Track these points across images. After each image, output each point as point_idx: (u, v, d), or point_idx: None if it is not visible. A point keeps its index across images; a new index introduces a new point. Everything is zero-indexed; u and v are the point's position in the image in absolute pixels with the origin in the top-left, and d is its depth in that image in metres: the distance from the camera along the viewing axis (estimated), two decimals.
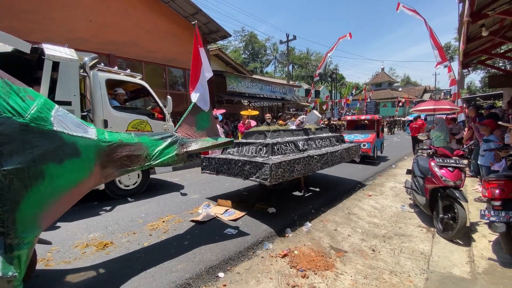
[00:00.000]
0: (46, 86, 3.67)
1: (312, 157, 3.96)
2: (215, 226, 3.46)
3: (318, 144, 4.76)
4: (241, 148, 4.17)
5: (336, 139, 5.41)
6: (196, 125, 3.18)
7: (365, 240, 3.17)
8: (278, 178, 3.30)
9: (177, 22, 11.40)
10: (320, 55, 51.52)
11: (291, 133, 4.57)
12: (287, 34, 22.01)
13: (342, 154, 4.85)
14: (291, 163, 3.52)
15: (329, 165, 4.40)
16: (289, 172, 3.47)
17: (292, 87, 19.68)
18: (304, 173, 3.87)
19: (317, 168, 4.11)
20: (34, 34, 7.42)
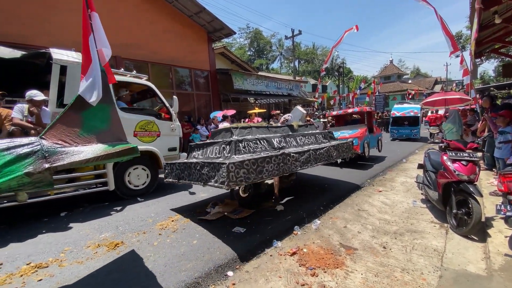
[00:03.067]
0: (54, 89, 3.75)
1: (288, 155, 3.48)
2: (224, 224, 3.47)
3: (300, 142, 4.30)
4: (205, 149, 3.77)
5: (323, 136, 4.92)
6: (82, 126, 2.27)
7: (375, 237, 3.11)
8: (240, 180, 2.84)
9: (182, 21, 11.43)
10: (326, 49, 50.85)
11: (266, 130, 4.10)
12: (292, 29, 21.79)
13: (329, 152, 4.32)
14: (258, 162, 3.05)
15: (312, 164, 3.92)
16: (256, 173, 3.01)
17: (298, 82, 19.50)
18: (277, 174, 3.36)
19: (295, 168, 3.62)
20: (41, 38, 7.58)
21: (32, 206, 4.05)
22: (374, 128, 8.17)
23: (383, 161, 7.74)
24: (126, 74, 5.06)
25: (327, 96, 20.36)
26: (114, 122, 2.49)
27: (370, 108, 8.38)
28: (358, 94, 22.99)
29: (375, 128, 8.23)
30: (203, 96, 12.96)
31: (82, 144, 2.17)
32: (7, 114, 3.53)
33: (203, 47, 12.60)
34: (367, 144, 7.40)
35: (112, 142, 2.32)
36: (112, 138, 2.40)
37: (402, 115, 12.42)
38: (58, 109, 3.76)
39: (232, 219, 3.60)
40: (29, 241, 3.17)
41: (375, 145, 8.18)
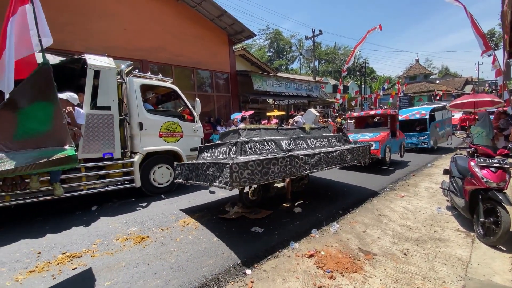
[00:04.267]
0: (89, 93, 4.05)
1: (296, 158, 3.36)
2: (242, 223, 3.56)
3: (311, 144, 4.17)
4: (213, 150, 3.79)
5: (337, 139, 4.75)
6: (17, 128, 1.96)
7: (396, 243, 3.06)
8: (244, 181, 2.77)
9: (204, 25, 11.75)
10: (348, 49, 49.71)
11: (276, 132, 4.05)
12: (312, 29, 21.59)
13: (342, 156, 4.15)
14: (263, 163, 2.96)
15: (323, 167, 3.76)
16: (261, 174, 2.93)
17: (318, 83, 19.26)
18: (284, 176, 3.24)
19: (304, 171, 3.48)
20: (76, 44, 8.15)
21: (67, 200, 4.39)
22: (397, 132, 7.72)
23: (405, 166, 7.38)
24: (152, 77, 5.33)
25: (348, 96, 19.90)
26: (57, 123, 2.12)
27: (394, 111, 7.80)
28: (381, 95, 22.23)
29: (398, 133, 7.78)
30: (223, 97, 13.22)
31: (15, 150, 1.87)
32: None
33: (224, 49, 12.86)
34: (389, 148, 6.98)
35: (52, 147, 2.02)
36: (54, 142, 2.06)
37: (405, 118, 10.07)
38: (91, 110, 4.06)
39: (251, 219, 3.68)
40: (64, 232, 3.45)
41: (397, 150, 7.71)
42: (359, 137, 6.98)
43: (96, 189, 4.31)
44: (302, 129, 4.50)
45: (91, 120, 4.06)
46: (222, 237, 3.15)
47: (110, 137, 4.29)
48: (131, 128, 4.65)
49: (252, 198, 4.20)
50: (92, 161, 4.24)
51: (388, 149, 6.92)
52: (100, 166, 4.33)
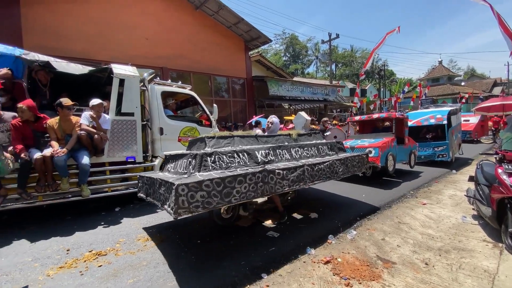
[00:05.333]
0: (114, 100, 4.29)
1: (271, 173, 2.87)
2: (257, 228, 3.60)
3: (296, 154, 3.60)
4: (177, 162, 3.16)
5: (329, 147, 4.17)
6: None
7: (417, 252, 2.96)
8: (196, 206, 2.28)
9: (221, 32, 12.06)
10: (366, 51, 48.78)
11: (254, 140, 3.51)
12: (329, 33, 21.45)
13: (332, 167, 3.63)
14: (225, 182, 2.47)
15: (307, 183, 3.26)
16: (221, 196, 2.44)
17: (335, 87, 19.04)
18: (254, 197, 2.73)
19: (281, 188, 2.98)
20: (102, 54, 8.66)
21: (93, 201, 4.64)
22: (406, 138, 6.75)
23: (416, 178, 6.51)
24: (172, 84, 5.55)
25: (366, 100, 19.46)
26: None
27: (402, 114, 6.74)
28: (402, 98, 21.56)
29: (407, 139, 6.79)
30: (239, 102, 13.41)
31: None
32: (76, 121, 4.14)
33: (240, 55, 13.10)
34: (392, 157, 6.04)
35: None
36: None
37: (417, 124, 8.39)
38: (117, 116, 4.30)
39: (265, 224, 3.71)
40: (90, 231, 3.65)
41: (405, 159, 6.73)
42: (358, 143, 6.28)
43: (119, 191, 4.52)
44: (287, 136, 3.94)
45: (116, 125, 4.29)
46: (238, 241, 3.20)
47: (133, 142, 4.51)
48: (152, 133, 4.86)
49: (226, 216, 3.61)
50: (116, 165, 4.46)
51: (391, 158, 6.00)
52: (123, 169, 4.55)
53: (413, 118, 8.67)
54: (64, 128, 3.98)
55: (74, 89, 4.95)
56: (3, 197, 3.44)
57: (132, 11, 9.54)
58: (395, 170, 6.18)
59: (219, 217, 3.56)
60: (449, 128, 7.90)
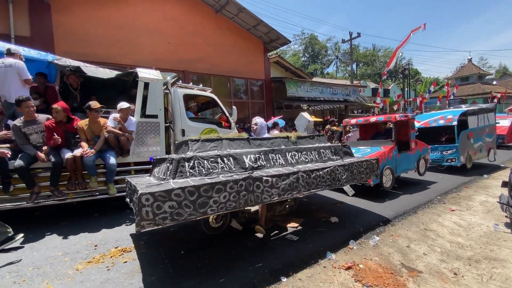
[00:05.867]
0: (139, 102, 4.47)
1: (257, 180, 2.58)
2: (276, 230, 3.58)
3: (292, 159, 3.28)
4: (160, 166, 2.97)
5: (333, 151, 3.79)
6: None
7: (445, 261, 2.81)
8: (163, 218, 2.04)
9: (240, 34, 12.19)
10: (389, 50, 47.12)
11: (246, 143, 3.25)
12: (350, 32, 20.94)
13: (334, 174, 3.26)
14: (199, 190, 2.21)
15: (301, 191, 2.92)
16: (194, 206, 2.19)
17: (356, 87, 18.56)
18: (235, 207, 2.46)
19: (270, 197, 2.69)
20: (127, 58, 9.06)
21: (119, 199, 4.85)
22: (411, 143, 5.84)
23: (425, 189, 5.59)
24: (194, 87, 5.70)
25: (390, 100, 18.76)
26: None
27: (405, 115, 5.86)
28: (428, 98, 20.55)
29: (413, 143, 5.86)
30: (257, 104, 13.47)
31: None
32: (104, 122, 4.36)
33: (259, 57, 13.16)
34: (390, 170, 5.20)
35: None
36: None
37: (425, 125, 7.72)
38: (141, 118, 4.48)
39: (284, 227, 3.68)
40: (116, 228, 3.82)
41: (411, 167, 5.89)
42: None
43: None
44: (285, 138, 3.66)
45: (140, 127, 4.47)
46: (257, 243, 3.21)
47: (156, 143, 4.67)
48: (174, 134, 5.02)
49: (215, 225, 3.38)
50: (141, 165, 4.64)
51: (388, 172, 5.14)
52: (147, 169, 4.72)
53: (424, 119, 7.99)
54: (93, 129, 4.20)
55: (102, 92, 5.22)
56: (36, 194, 3.68)
57: (155, 16, 9.90)
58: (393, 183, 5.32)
59: (208, 226, 3.30)
60: (464, 131, 7.10)
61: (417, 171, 5.99)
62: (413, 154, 5.86)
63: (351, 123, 6.87)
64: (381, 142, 5.71)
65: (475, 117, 7.69)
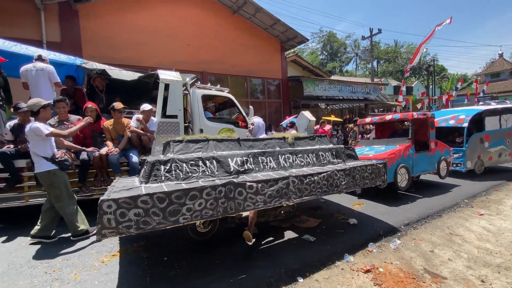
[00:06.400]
0: (160, 103, 4.62)
1: (240, 186, 2.35)
2: (293, 230, 3.56)
3: (285, 162, 3.05)
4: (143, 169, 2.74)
5: (334, 154, 3.51)
6: None
7: (471, 267, 2.67)
8: (128, 227, 1.89)
9: (257, 34, 12.22)
10: (412, 46, 45.17)
11: (236, 145, 3.05)
12: (370, 28, 20.30)
13: (331, 180, 2.97)
14: (172, 197, 2.03)
15: (291, 198, 2.66)
16: (164, 215, 2.01)
17: (376, 85, 17.98)
18: (212, 215, 2.24)
19: (254, 205, 2.44)
20: (148, 61, 9.39)
21: None
22: (431, 143, 5.51)
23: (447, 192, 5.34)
24: (212, 88, 5.81)
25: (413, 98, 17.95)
26: None
27: (423, 113, 5.54)
28: (455, 95, 19.47)
29: (432, 144, 5.52)
30: (274, 103, 13.45)
31: None
32: (127, 123, 4.55)
33: (276, 57, 13.12)
34: (406, 169, 4.93)
35: None
36: None
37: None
38: (162, 119, 4.63)
39: (300, 227, 3.66)
40: None
41: (430, 169, 5.52)
42: (363, 152, 5.25)
43: None
44: (282, 140, 3.40)
45: (161, 127, 4.62)
46: (273, 243, 3.22)
47: None
48: (193, 134, 5.14)
49: (202, 230, 3.16)
50: None
51: (403, 171, 4.90)
52: None
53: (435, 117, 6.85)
54: (117, 129, 4.41)
55: (125, 93, 5.45)
56: None
57: (175, 19, 10.17)
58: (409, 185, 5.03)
59: (195, 231, 3.09)
60: (475, 134, 6.54)
61: (438, 174, 5.62)
62: (432, 155, 5.53)
63: (365, 122, 6.56)
64: (397, 140, 5.46)
65: (496, 118, 7.00)
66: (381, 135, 6.65)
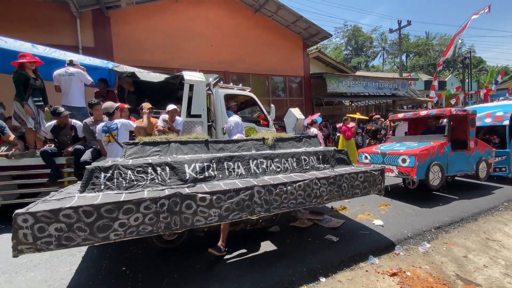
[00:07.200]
0: (185, 103, 4.80)
1: (188, 198, 2.04)
2: (315, 230, 3.53)
3: (257, 168, 2.69)
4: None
5: (321, 158, 3.10)
6: None
7: (509, 275, 2.48)
8: (47, 243, 1.69)
9: (279, 32, 12.15)
10: (446, 37, 42.21)
11: (202, 147, 2.77)
12: (398, 20, 19.29)
13: (311, 188, 2.59)
14: (101, 211, 1.80)
15: (256, 211, 2.30)
16: (92, 230, 1.77)
17: (406, 80, 17.06)
18: (151, 232, 1.95)
19: (206, 220, 2.11)
20: (173, 62, 9.72)
21: None
22: (470, 142, 5.13)
23: (488, 194, 4.96)
24: (234, 87, 5.90)
25: (446, 93, 16.74)
26: None
27: (463, 110, 5.20)
28: (494, 90, 17.90)
29: (472, 143, 5.14)
30: (296, 101, 13.30)
31: None
32: (155, 122, 4.78)
33: (298, 54, 12.95)
34: (439, 167, 4.63)
35: None
36: None
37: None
38: (187, 118, 4.80)
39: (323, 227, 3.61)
40: None
41: (468, 169, 5.14)
42: (392, 148, 5.00)
43: None
44: (260, 141, 3.11)
45: (186, 126, 4.79)
46: (295, 242, 3.21)
47: None
48: (216, 133, 5.27)
49: (169, 238, 2.89)
50: None
51: (436, 168, 4.61)
52: None
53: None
54: (146, 129, 4.64)
55: (152, 94, 5.72)
56: None
57: (199, 21, 10.43)
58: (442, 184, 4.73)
59: (160, 239, 2.84)
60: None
61: (476, 175, 5.25)
62: (471, 155, 5.15)
63: (398, 118, 6.21)
64: (431, 137, 5.15)
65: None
66: (414, 132, 6.31)
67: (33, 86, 4.04)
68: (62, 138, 4.20)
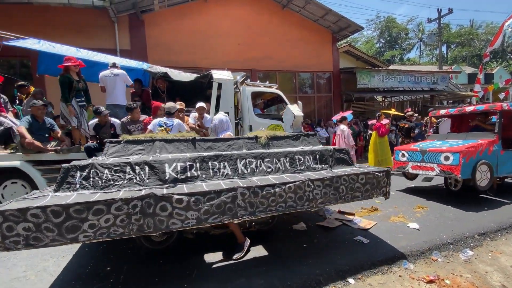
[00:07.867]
0: (214, 101, 4.93)
1: (162, 200, 1.95)
2: (344, 231, 3.43)
3: (245, 169, 2.56)
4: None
5: (318, 158, 2.91)
6: None
7: None
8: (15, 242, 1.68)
9: (307, 27, 11.90)
10: (493, 25, 38.08)
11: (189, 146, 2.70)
12: (438, 9, 17.81)
13: (303, 191, 2.40)
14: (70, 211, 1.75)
15: (238, 214, 2.16)
16: (60, 230, 1.74)
17: (446, 73, 15.76)
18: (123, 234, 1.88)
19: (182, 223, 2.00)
20: (202, 61, 10.00)
21: None
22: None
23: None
24: (261, 85, 5.92)
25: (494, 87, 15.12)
26: None
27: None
28: None
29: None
30: (324, 97, 12.96)
31: None
32: (186, 120, 4.96)
33: (327, 48, 12.58)
34: (488, 166, 4.26)
35: None
36: None
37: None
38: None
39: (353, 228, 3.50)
40: None
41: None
42: (433, 146, 4.69)
43: None
44: (253, 139, 2.98)
45: None
46: (322, 242, 3.16)
47: None
48: (243, 130, 5.34)
49: (157, 239, 2.76)
50: None
51: (485, 168, 4.24)
52: None
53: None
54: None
55: (184, 93, 5.95)
56: None
57: (227, 20, 10.58)
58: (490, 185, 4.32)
59: (148, 239, 2.73)
60: None
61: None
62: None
63: (440, 114, 5.80)
64: (479, 134, 4.77)
65: None
66: (457, 130, 5.82)
67: (76, 88, 4.40)
68: (103, 135, 4.54)
